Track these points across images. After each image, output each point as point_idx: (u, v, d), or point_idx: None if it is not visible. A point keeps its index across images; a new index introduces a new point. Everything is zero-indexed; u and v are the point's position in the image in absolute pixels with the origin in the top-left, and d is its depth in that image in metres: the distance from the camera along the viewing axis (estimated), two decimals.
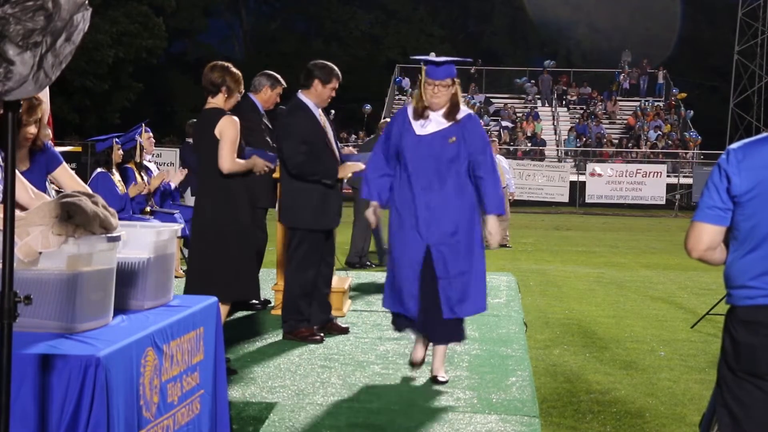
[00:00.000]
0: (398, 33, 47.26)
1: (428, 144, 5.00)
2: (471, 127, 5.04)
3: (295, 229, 6.32)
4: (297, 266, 6.27)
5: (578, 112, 34.76)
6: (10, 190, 2.16)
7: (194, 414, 3.35)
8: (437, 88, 4.96)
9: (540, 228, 19.87)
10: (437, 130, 5.02)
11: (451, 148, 4.99)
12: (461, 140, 4.99)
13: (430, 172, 4.98)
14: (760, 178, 2.72)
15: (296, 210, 6.26)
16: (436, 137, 5.00)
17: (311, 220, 6.23)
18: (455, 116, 5.03)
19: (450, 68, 5.00)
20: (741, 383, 2.76)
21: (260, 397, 4.87)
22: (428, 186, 4.97)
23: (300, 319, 6.31)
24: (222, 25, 49.30)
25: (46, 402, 2.49)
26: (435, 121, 5.04)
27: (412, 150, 5.01)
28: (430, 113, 5.03)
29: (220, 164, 5.24)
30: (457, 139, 4.98)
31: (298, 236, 6.28)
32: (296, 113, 6.27)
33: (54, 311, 2.77)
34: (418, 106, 5.04)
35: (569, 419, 4.77)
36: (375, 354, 5.98)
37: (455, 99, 5.05)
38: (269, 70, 7.79)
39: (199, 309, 3.45)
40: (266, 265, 8.20)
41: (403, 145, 5.04)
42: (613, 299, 9.21)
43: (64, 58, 2.17)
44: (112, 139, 7.95)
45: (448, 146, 4.99)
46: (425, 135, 5.02)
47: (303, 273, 6.27)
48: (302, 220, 6.25)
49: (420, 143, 5.01)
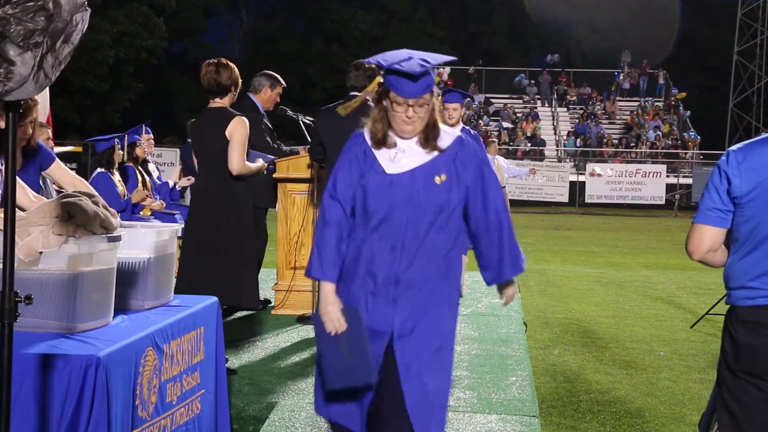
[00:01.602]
0: (398, 33, 47.21)
1: (407, 186, 3.26)
2: (467, 155, 3.33)
3: None
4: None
5: (578, 112, 34.76)
6: (10, 190, 2.16)
7: (194, 414, 3.35)
8: (412, 111, 3.22)
9: (540, 228, 19.87)
10: (418, 165, 3.29)
11: (438, 192, 3.26)
12: (453, 178, 3.29)
13: (405, 228, 3.25)
14: (760, 179, 2.72)
15: None
16: (418, 175, 3.27)
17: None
18: (436, 142, 3.30)
19: (429, 78, 3.24)
20: (740, 383, 2.76)
21: (260, 397, 4.87)
22: (400, 249, 3.25)
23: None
24: (222, 25, 49.29)
25: (47, 401, 2.50)
26: (410, 152, 3.30)
27: (379, 196, 3.26)
28: (398, 140, 3.29)
29: (230, 165, 5.23)
30: (448, 177, 3.28)
31: None
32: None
33: (54, 311, 2.78)
34: (377, 130, 3.30)
35: (569, 419, 4.77)
36: None
37: (433, 117, 3.31)
38: (269, 70, 7.80)
39: (199, 309, 3.45)
40: (266, 265, 8.20)
41: (366, 190, 3.28)
42: (612, 299, 9.21)
43: (64, 59, 2.17)
44: (113, 139, 7.95)
45: (435, 189, 3.27)
46: (400, 174, 3.28)
47: None
48: None
49: (393, 186, 3.26)
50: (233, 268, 5.27)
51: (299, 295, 7.23)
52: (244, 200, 5.38)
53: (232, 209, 5.30)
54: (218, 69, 5.29)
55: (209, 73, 5.29)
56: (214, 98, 5.35)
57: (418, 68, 3.14)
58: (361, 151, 3.31)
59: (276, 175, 7.18)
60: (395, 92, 3.21)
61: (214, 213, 5.28)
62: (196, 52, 42.29)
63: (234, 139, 5.22)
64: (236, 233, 5.29)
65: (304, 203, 7.25)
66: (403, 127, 3.26)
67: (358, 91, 6.37)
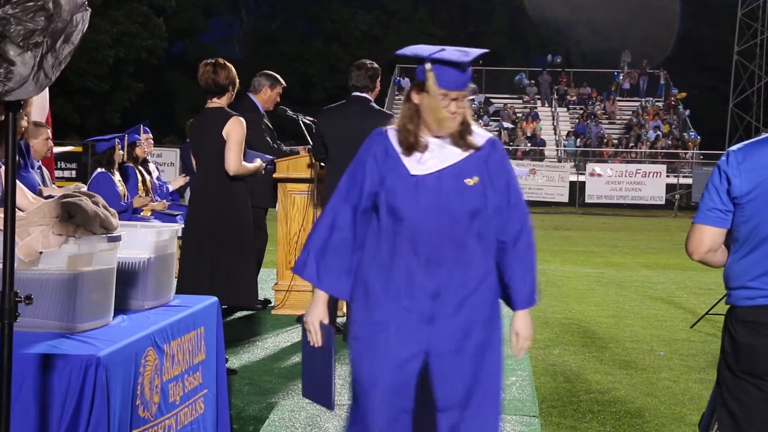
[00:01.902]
0: (398, 33, 47.23)
1: (433, 189, 2.90)
2: (497, 160, 2.97)
3: None
4: None
5: (578, 112, 34.77)
6: (10, 190, 2.16)
7: (198, 414, 3.36)
8: (456, 104, 2.88)
9: (540, 228, 19.85)
10: (447, 165, 2.93)
11: (471, 195, 2.91)
12: (486, 181, 2.93)
13: (438, 237, 2.89)
14: (760, 179, 2.72)
15: None
16: (446, 177, 2.91)
17: None
18: (470, 140, 2.96)
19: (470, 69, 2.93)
20: (740, 383, 2.76)
21: (260, 397, 4.87)
22: (436, 260, 2.88)
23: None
24: (222, 25, 49.31)
25: (47, 401, 2.50)
26: (439, 151, 2.94)
27: (406, 201, 2.90)
28: (429, 140, 2.94)
29: (226, 166, 5.22)
30: (480, 178, 2.93)
31: None
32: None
33: (54, 311, 2.78)
34: (408, 133, 2.94)
35: (569, 419, 4.77)
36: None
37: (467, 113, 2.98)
38: (269, 70, 7.81)
39: (199, 309, 3.45)
40: (266, 265, 8.21)
41: (390, 194, 2.92)
42: (612, 299, 9.21)
43: (64, 59, 2.17)
44: (114, 140, 7.95)
45: (467, 191, 2.91)
46: (426, 175, 2.92)
47: None
48: None
49: (418, 189, 2.90)
50: (233, 267, 5.27)
51: (299, 295, 7.23)
52: (243, 200, 5.38)
53: (231, 209, 5.30)
54: (216, 69, 5.29)
55: (207, 73, 5.29)
56: (212, 98, 5.36)
57: (465, 57, 2.85)
58: (381, 150, 2.96)
59: (276, 175, 7.18)
60: (441, 85, 2.85)
61: (213, 213, 5.28)
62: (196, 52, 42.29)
63: (231, 139, 5.22)
64: (235, 233, 5.29)
65: (304, 203, 7.25)
66: (446, 124, 2.89)
67: (359, 90, 6.38)
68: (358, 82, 6.35)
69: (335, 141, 6.29)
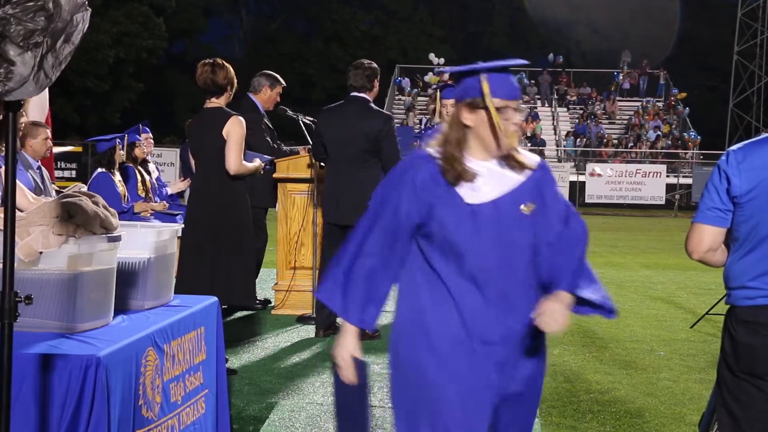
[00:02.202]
0: (398, 33, 47.26)
1: (493, 219, 2.58)
2: (550, 182, 2.71)
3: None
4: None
5: (578, 112, 34.78)
6: (10, 190, 2.16)
7: (199, 414, 3.36)
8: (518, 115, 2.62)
9: None
10: (504, 191, 2.61)
11: (529, 224, 2.63)
12: (540, 207, 2.65)
13: (503, 274, 2.58)
14: (759, 179, 2.72)
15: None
16: (504, 204, 2.60)
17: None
18: (523, 160, 2.66)
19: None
20: (740, 383, 2.76)
21: (260, 397, 4.87)
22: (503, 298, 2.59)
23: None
24: (222, 25, 49.32)
25: (47, 401, 2.50)
26: (492, 175, 2.62)
27: (464, 234, 2.56)
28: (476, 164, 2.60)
29: (227, 165, 5.23)
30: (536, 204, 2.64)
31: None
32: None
33: (54, 311, 2.78)
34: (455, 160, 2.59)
35: (569, 419, 4.77)
36: (374, 354, 5.98)
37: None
38: (269, 70, 7.81)
39: (199, 309, 3.45)
40: (266, 265, 8.21)
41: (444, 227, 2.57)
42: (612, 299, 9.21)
43: (64, 59, 2.17)
44: (115, 140, 7.95)
45: (525, 220, 2.62)
46: (483, 204, 2.58)
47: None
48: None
49: (477, 219, 2.57)
50: (233, 267, 5.27)
51: (299, 295, 7.24)
52: (243, 200, 5.38)
53: (231, 209, 5.31)
54: (214, 69, 5.31)
55: (205, 73, 5.31)
56: (211, 98, 5.37)
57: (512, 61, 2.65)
58: (426, 176, 2.57)
59: (276, 175, 7.18)
60: (503, 96, 2.56)
61: (213, 213, 5.28)
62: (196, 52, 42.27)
63: (231, 138, 5.23)
64: (235, 233, 5.29)
65: (304, 203, 7.25)
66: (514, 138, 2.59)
67: (357, 90, 6.39)
68: (355, 82, 6.36)
69: (334, 141, 6.30)
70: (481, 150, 2.60)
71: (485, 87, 2.54)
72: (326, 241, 6.46)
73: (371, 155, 6.24)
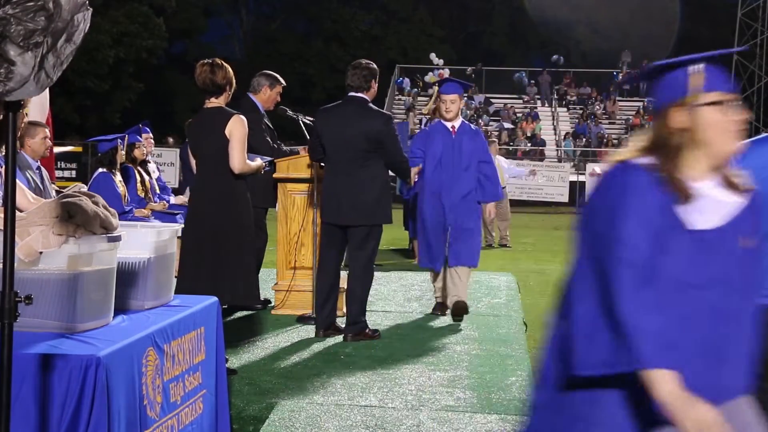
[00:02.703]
0: (398, 33, 47.27)
1: (718, 250, 2.16)
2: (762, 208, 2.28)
3: (369, 226, 6.32)
4: (369, 264, 6.36)
5: (578, 112, 34.79)
6: (10, 189, 2.16)
7: (198, 414, 3.36)
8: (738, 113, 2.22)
9: (540, 228, 19.86)
10: (729, 218, 2.19)
11: (749, 262, 2.20)
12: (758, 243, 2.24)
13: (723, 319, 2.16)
14: (759, 179, 2.72)
15: (383, 206, 6.31)
16: (726, 234, 2.18)
17: (389, 214, 6.37)
18: (737, 180, 2.25)
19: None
20: None
21: (260, 397, 4.87)
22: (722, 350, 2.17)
23: (365, 319, 6.45)
24: (222, 25, 49.33)
25: (47, 402, 2.50)
26: (713, 195, 2.19)
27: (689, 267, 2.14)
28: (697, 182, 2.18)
29: (231, 164, 5.25)
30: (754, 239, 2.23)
31: (374, 234, 6.34)
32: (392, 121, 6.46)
33: (54, 311, 2.78)
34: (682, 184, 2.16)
35: None
36: (374, 354, 5.98)
37: None
38: (269, 70, 7.81)
39: (199, 309, 3.45)
40: (266, 265, 8.21)
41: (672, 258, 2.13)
42: None
43: (65, 59, 2.17)
44: (116, 140, 7.95)
45: (745, 257, 2.19)
46: (708, 231, 2.16)
47: (372, 271, 6.42)
48: (385, 215, 6.34)
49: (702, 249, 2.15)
50: (233, 267, 5.28)
51: (299, 295, 7.24)
52: (244, 199, 5.39)
53: (231, 209, 5.31)
54: (213, 69, 5.32)
55: (204, 73, 5.32)
56: (210, 98, 5.38)
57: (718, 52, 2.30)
58: (654, 196, 2.11)
59: (276, 175, 7.18)
60: (724, 90, 2.17)
61: (213, 212, 5.29)
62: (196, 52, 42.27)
63: (234, 137, 5.24)
64: (236, 232, 5.30)
65: (304, 203, 7.25)
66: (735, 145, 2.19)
67: (355, 90, 6.39)
68: (353, 82, 6.37)
69: (333, 141, 6.30)
70: (697, 161, 2.19)
71: (699, 79, 2.18)
72: (324, 240, 6.47)
73: (371, 155, 6.25)
